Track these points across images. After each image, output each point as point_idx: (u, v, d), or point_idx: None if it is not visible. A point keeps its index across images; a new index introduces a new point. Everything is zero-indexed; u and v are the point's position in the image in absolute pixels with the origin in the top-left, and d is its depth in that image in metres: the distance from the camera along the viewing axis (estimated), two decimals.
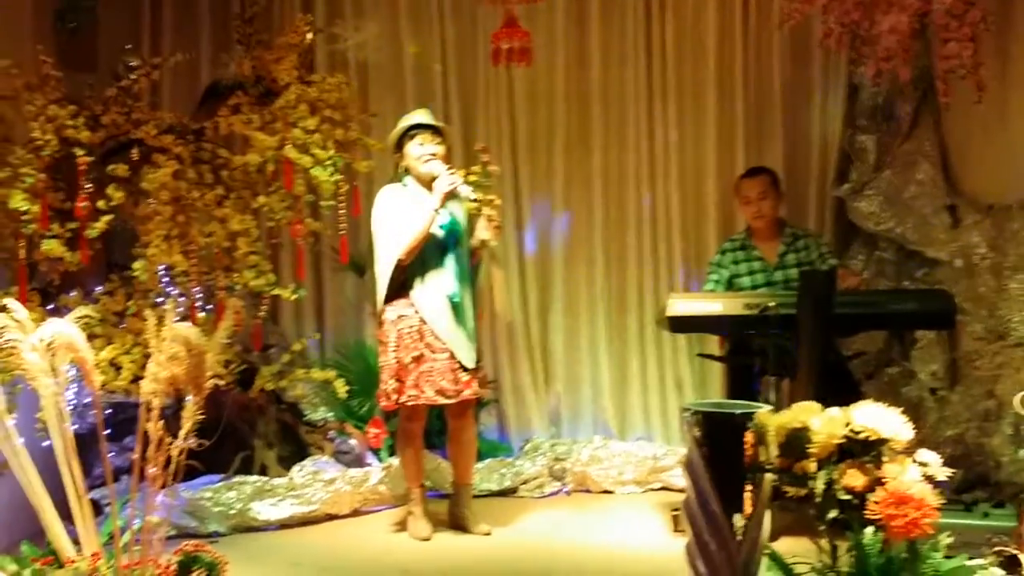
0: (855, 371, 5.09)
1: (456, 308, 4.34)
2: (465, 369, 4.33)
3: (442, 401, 4.32)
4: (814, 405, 2.95)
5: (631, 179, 5.64)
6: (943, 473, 2.84)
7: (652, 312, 5.54)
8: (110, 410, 4.59)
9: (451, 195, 4.31)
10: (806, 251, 4.81)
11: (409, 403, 4.31)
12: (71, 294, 4.27)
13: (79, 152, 4.08)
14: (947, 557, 2.82)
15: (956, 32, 4.30)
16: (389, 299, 4.36)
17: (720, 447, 2.86)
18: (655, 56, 5.59)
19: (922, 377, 5.04)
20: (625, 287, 5.66)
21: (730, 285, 4.83)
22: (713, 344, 5.17)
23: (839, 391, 3.62)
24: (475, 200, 4.27)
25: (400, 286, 4.36)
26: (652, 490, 5.21)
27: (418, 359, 4.29)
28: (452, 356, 4.31)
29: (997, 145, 4.71)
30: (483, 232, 4.34)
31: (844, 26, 4.51)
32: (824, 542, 2.90)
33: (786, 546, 3.13)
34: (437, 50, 5.61)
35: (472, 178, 4.26)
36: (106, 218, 4.12)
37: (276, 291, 4.53)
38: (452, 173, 4.30)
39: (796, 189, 5.48)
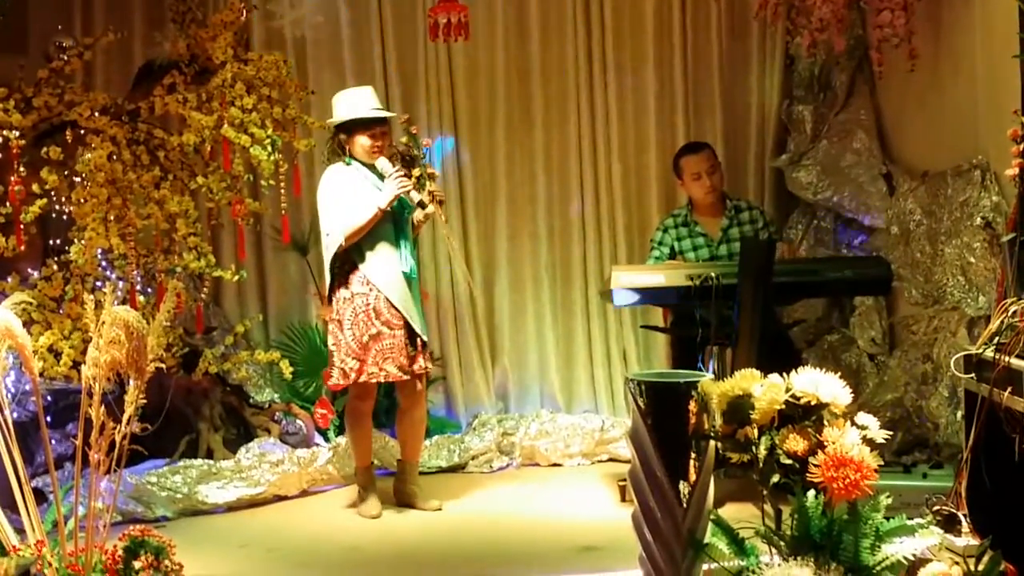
0: (796, 339, 5.19)
1: (411, 284, 4.34)
2: (414, 344, 4.32)
3: (403, 377, 4.30)
4: (755, 373, 2.99)
5: (573, 153, 5.64)
6: (881, 436, 2.90)
7: (597, 285, 5.58)
8: (50, 397, 4.52)
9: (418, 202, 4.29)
10: (751, 224, 4.83)
11: (372, 380, 4.29)
12: (7, 280, 4.19)
13: (11, 135, 3.99)
14: (887, 518, 2.87)
15: (888, 1, 4.36)
16: (340, 277, 4.34)
17: (664, 416, 2.90)
18: (594, 29, 5.58)
19: (861, 343, 5.14)
20: (570, 261, 5.67)
21: (672, 260, 4.86)
22: (657, 315, 5.22)
23: (780, 358, 3.68)
24: (416, 174, 4.24)
25: (351, 264, 4.33)
26: (600, 462, 5.25)
27: (375, 336, 4.26)
28: (406, 332, 4.30)
29: (931, 113, 4.79)
30: (415, 195, 4.28)
31: None
32: (768, 507, 2.95)
33: (731, 512, 3.17)
34: (375, 26, 5.54)
35: (413, 149, 4.23)
36: (40, 202, 4.05)
37: (217, 272, 4.48)
38: (400, 173, 4.25)
39: (735, 160, 5.55)
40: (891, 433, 3.05)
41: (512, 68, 5.62)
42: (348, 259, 4.32)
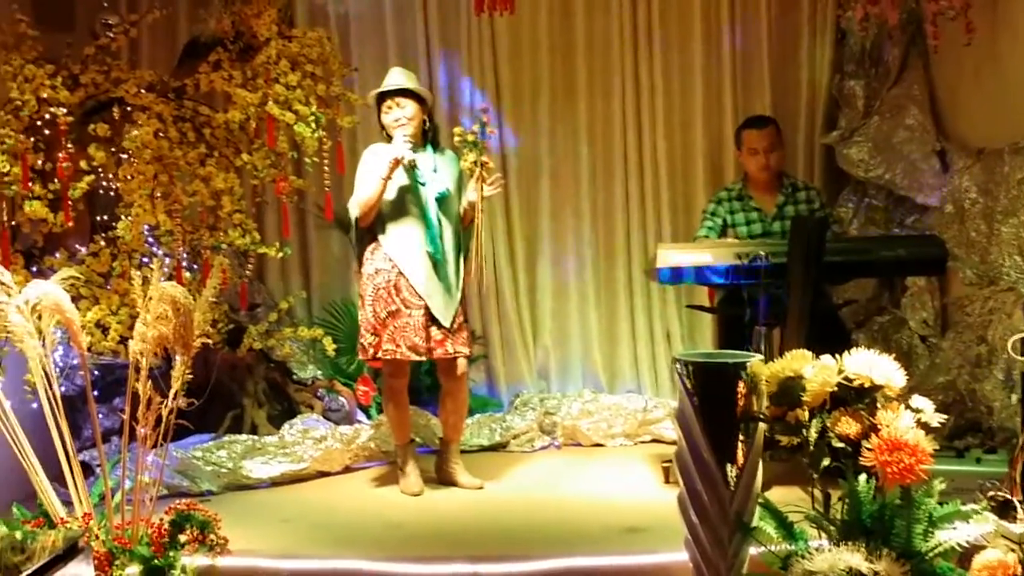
0: (846, 319, 5.10)
1: (436, 265, 4.31)
2: (439, 326, 4.31)
3: (414, 358, 4.30)
4: (806, 354, 2.94)
5: (617, 129, 5.57)
6: (936, 419, 2.84)
7: (640, 263, 5.52)
8: (97, 372, 4.57)
9: (409, 162, 4.27)
10: (807, 204, 4.77)
11: (386, 357, 4.29)
12: (56, 256, 4.23)
13: (59, 112, 4.01)
14: (940, 503, 2.82)
15: None
16: (367, 254, 4.37)
17: (712, 397, 2.86)
18: (640, 3, 5.50)
19: (912, 324, 5.04)
20: (613, 238, 5.62)
21: (723, 234, 4.80)
22: (703, 294, 5.16)
23: (830, 339, 3.61)
24: (471, 163, 4.21)
25: (376, 241, 4.34)
26: (642, 442, 5.21)
27: (394, 313, 4.27)
28: (427, 312, 4.29)
29: (987, 88, 4.66)
30: (471, 194, 4.29)
31: None
32: (817, 490, 2.91)
33: (777, 495, 3.13)
34: (418, 2, 5.50)
35: (470, 137, 4.20)
36: (88, 178, 4.07)
37: (262, 249, 4.49)
38: (407, 142, 4.26)
39: (784, 137, 5.40)
40: (946, 417, 2.97)
41: (556, 43, 5.56)
42: (373, 236, 4.35)
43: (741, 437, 2.87)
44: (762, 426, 2.88)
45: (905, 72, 5.19)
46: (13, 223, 4.09)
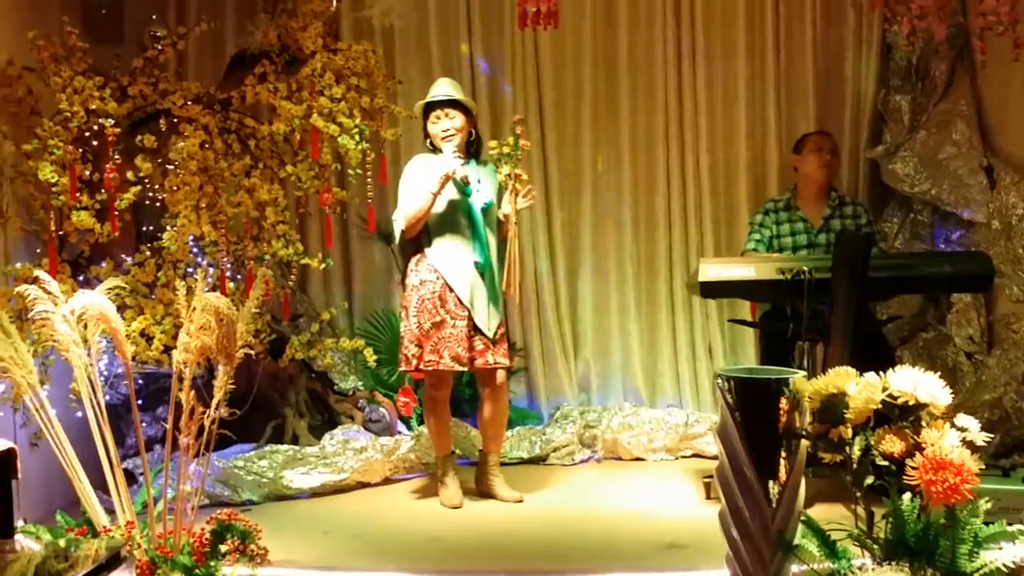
0: (890, 336, 5.04)
1: (482, 275, 4.32)
2: (483, 336, 4.31)
3: (457, 368, 4.31)
4: (850, 370, 2.91)
5: (660, 143, 5.56)
6: (982, 438, 2.80)
7: (682, 277, 5.50)
8: (141, 381, 4.62)
9: (462, 178, 4.29)
10: (853, 219, 4.77)
11: (429, 368, 4.30)
12: (102, 265, 4.29)
13: (107, 123, 4.07)
14: (986, 523, 2.78)
15: None
16: (412, 265, 4.39)
17: (754, 413, 2.84)
18: (683, 17, 5.50)
19: (958, 341, 4.97)
20: (655, 252, 5.60)
21: (770, 246, 4.78)
22: (745, 309, 5.12)
23: (873, 356, 3.58)
24: (506, 175, 4.22)
25: (422, 252, 4.36)
26: (683, 457, 5.18)
27: (438, 325, 4.28)
28: (470, 322, 4.30)
29: None
30: (506, 206, 4.30)
31: None
32: (860, 508, 2.87)
33: (820, 512, 3.11)
34: (463, 16, 5.54)
35: (505, 149, 4.21)
36: (135, 189, 4.12)
37: (304, 260, 4.52)
38: (457, 156, 4.28)
39: None
40: (992, 436, 2.93)
41: (599, 58, 5.57)
42: (419, 247, 4.36)
43: (783, 454, 2.84)
44: (804, 443, 2.86)
45: (952, 87, 5.14)
46: (60, 233, 4.15)
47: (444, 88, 4.40)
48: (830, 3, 5.40)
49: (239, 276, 4.54)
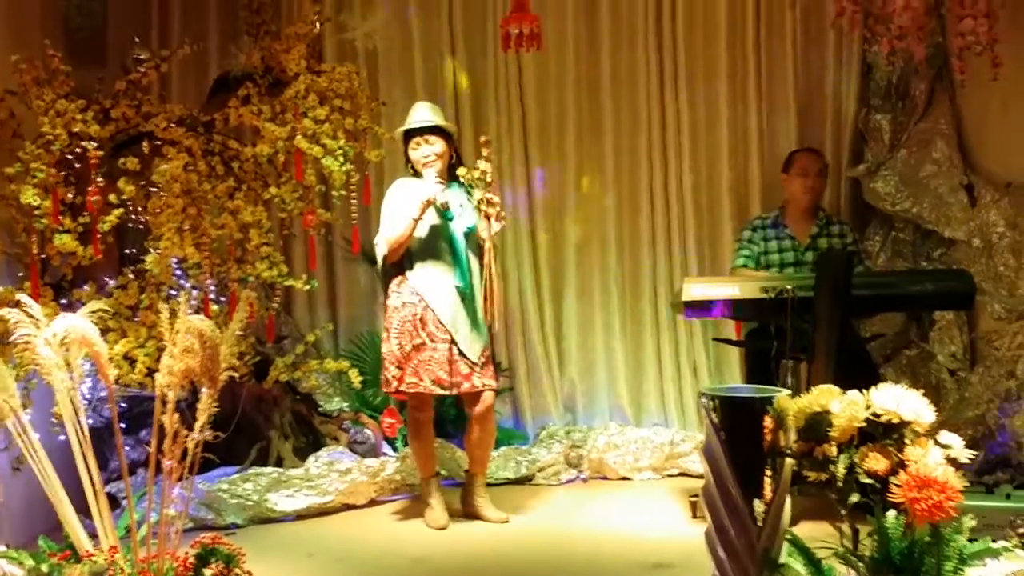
0: (874, 354, 5.06)
1: (464, 298, 4.32)
2: (468, 360, 4.31)
3: (438, 391, 4.31)
4: (834, 388, 2.91)
5: (643, 163, 5.58)
6: (965, 455, 2.80)
7: (667, 296, 5.51)
8: (125, 404, 4.60)
9: (442, 204, 4.31)
10: (840, 238, 4.80)
11: (409, 390, 4.30)
12: (84, 288, 4.26)
13: (90, 146, 4.06)
14: (971, 540, 2.78)
15: (971, 8, 4.23)
16: (393, 287, 4.40)
17: (739, 432, 2.84)
18: (665, 38, 5.54)
19: (941, 359, 5.00)
20: (639, 272, 5.61)
21: (758, 262, 4.80)
22: (729, 328, 5.14)
23: (857, 374, 3.58)
24: (478, 200, 4.24)
25: (403, 275, 4.37)
26: (670, 476, 5.19)
27: (418, 347, 4.29)
28: (453, 347, 4.30)
29: (1015, 122, 4.66)
30: (483, 232, 4.31)
31: (856, 4, 4.44)
32: (846, 526, 2.87)
33: (805, 531, 3.10)
34: (446, 37, 5.57)
35: (475, 174, 4.23)
36: (117, 212, 4.10)
37: (288, 282, 4.52)
38: (439, 183, 4.29)
39: None
40: (976, 453, 2.94)
41: (582, 79, 5.60)
42: (401, 270, 4.37)
43: (768, 472, 2.84)
44: (789, 461, 2.86)
45: (932, 106, 5.18)
46: (43, 256, 4.13)
47: (423, 113, 4.41)
48: (810, 24, 5.45)
49: (223, 298, 4.53)
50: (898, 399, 2.80)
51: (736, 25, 5.50)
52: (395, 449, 5.12)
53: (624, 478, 5.15)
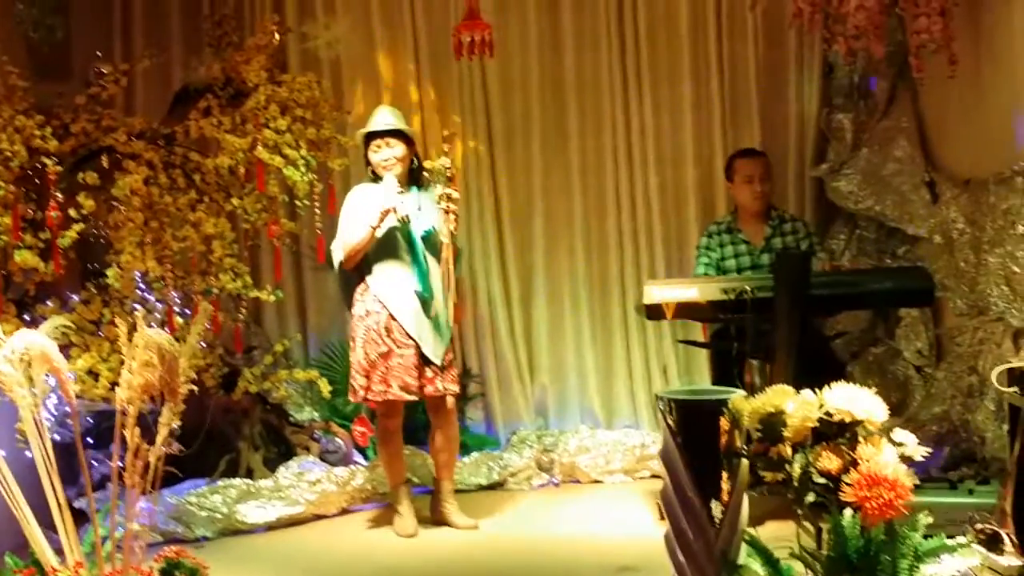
0: (840, 351, 5.09)
1: (424, 304, 4.33)
2: (431, 365, 4.32)
3: (406, 397, 4.31)
4: (788, 389, 2.93)
5: (609, 166, 5.59)
6: (920, 453, 2.83)
7: (634, 299, 5.51)
8: (91, 419, 4.57)
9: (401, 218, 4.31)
10: (793, 235, 4.79)
11: (377, 399, 4.31)
12: (47, 304, 4.25)
13: (48, 162, 4.05)
14: (927, 536, 2.80)
15: (925, 6, 4.26)
16: (356, 296, 4.40)
17: (694, 434, 2.85)
18: (628, 41, 5.54)
19: (907, 355, 5.03)
20: (607, 274, 5.62)
21: (717, 268, 4.82)
22: (697, 329, 5.16)
23: (822, 372, 3.60)
24: (439, 195, 4.26)
25: (365, 283, 4.37)
26: (641, 478, 5.19)
27: (384, 355, 4.29)
28: (418, 352, 4.30)
29: (972, 119, 4.68)
30: (442, 233, 4.32)
31: (814, 5, 4.46)
32: (808, 525, 2.89)
33: (771, 530, 3.12)
34: (410, 44, 5.57)
35: (438, 167, 4.25)
36: (77, 227, 4.09)
37: (253, 293, 4.51)
38: (400, 192, 4.29)
39: (774, 171, 5.39)
40: (930, 450, 2.96)
41: (546, 82, 5.60)
42: (361, 278, 4.37)
43: (726, 473, 2.86)
44: (746, 462, 2.87)
45: (893, 104, 5.21)
46: (4, 272, 4.12)
47: (385, 117, 4.41)
48: (771, 25, 5.45)
49: (188, 311, 4.52)
50: (850, 398, 2.83)
51: (698, 27, 5.51)
52: (367, 458, 5.11)
53: (596, 481, 5.16)
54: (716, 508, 2.84)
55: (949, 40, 4.29)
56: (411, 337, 4.29)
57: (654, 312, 4.20)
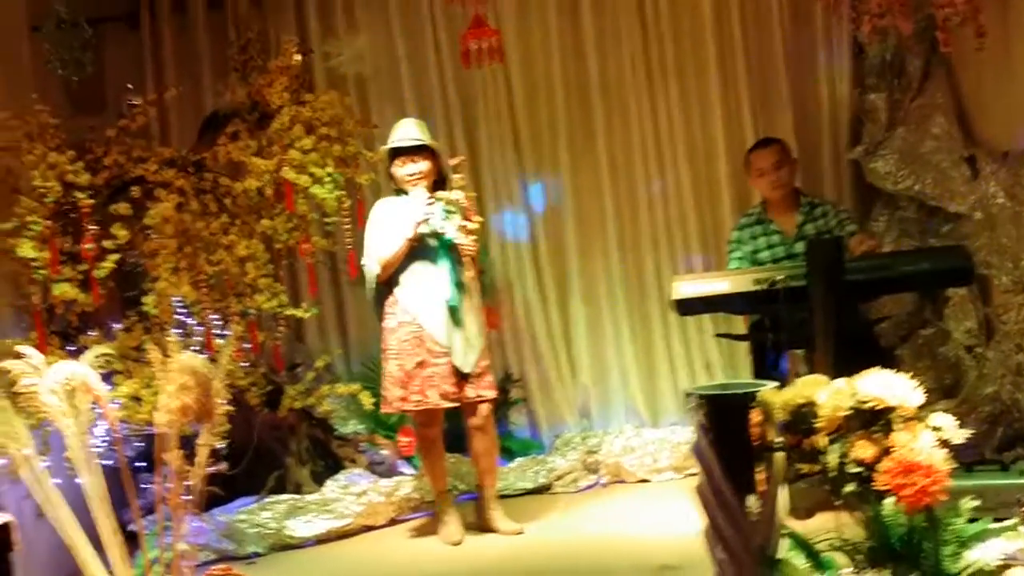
0: (887, 336, 4.99)
1: (453, 313, 4.33)
2: (465, 372, 4.32)
3: (445, 404, 4.32)
4: (821, 378, 2.89)
5: (638, 164, 5.56)
6: (961, 436, 2.76)
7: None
8: (143, 443, 4.65)
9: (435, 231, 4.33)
10: (824, 219, 4.69)
11: (419, 408, 4.32)
12: (91, 333, 4.33)
13: (81, 196, 4.12)
14: (973, 520, 2.74)
15: None
16: (386, 308, 4.41)
17: (726, 429, 2.82)
18: (651, 35, 5.50)
19: (957, 336, 4.91)
20: (643, 272, 5.58)
21: (752, 262, 4.74)
22: (739, 322, 5.09)
23: (865, 358, 3.53)
24: (457, 228, 4.29)
25: (394, 295, 4.39)
26: (692, 475, 5.11)
27: (421, 364, 4.30)
28: (451, 360, 4.31)
29: (1007, 90, 4.58)
30: (463, 249, 4.33)
31: None
32: (846, 516, 2.84)
33: (822, 522, 3.07)
34: (431, 55, 5.59)
35: (451, 198, 4.28)
36: (113, 257, 4.16)
37: (289, 311, 4.56)
38: (431, 202, 4.30)
39: (810, 156, 5.37)
40: (972, 432, 2.89)
41: (570, 83, 5.58)
42: (390, 290, 4.38)
43: (760, 468, 2.82)
44: (780, 455, 2.84)
45: (928, 81, 5.11)
46: (48, 305, 4.20)
47: (410, 131, 4.41)
48: (798, 6, 5.38)
49: (227, 332, 4.58)
50: (883, 385, 2.77)
51: (721, 12, 5.44)
52: (413, 467, 5.13)
53: (643, 480, 5.12)
54: (753, 502, 2.81)
55: (976, 12, 4.20)
56: (442, 346, 4.29)
57: (683, 307, 4.16)
